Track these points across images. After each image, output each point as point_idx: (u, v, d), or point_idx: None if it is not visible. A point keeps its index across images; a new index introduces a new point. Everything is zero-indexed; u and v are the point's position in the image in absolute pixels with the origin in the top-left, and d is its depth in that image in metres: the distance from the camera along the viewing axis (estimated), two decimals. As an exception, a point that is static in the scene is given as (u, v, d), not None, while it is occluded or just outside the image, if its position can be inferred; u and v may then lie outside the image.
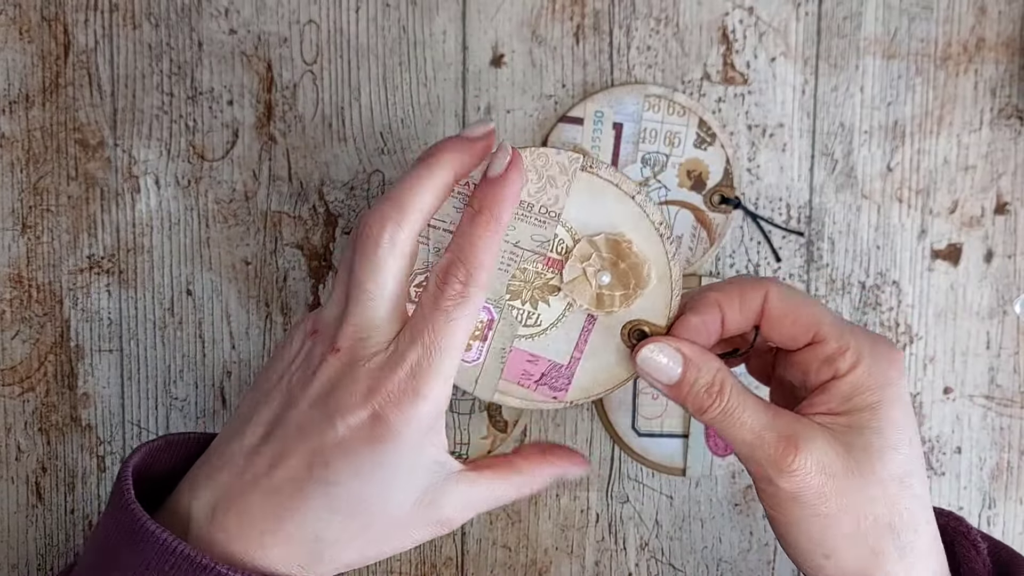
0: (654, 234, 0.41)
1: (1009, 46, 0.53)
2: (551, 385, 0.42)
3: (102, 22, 0.52)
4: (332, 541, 0.38)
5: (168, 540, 0.36)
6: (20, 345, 0.52)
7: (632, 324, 0.42)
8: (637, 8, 0.52)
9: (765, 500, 0.41)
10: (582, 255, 0.41)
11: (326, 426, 0.37)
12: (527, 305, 0.42)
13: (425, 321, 0.38)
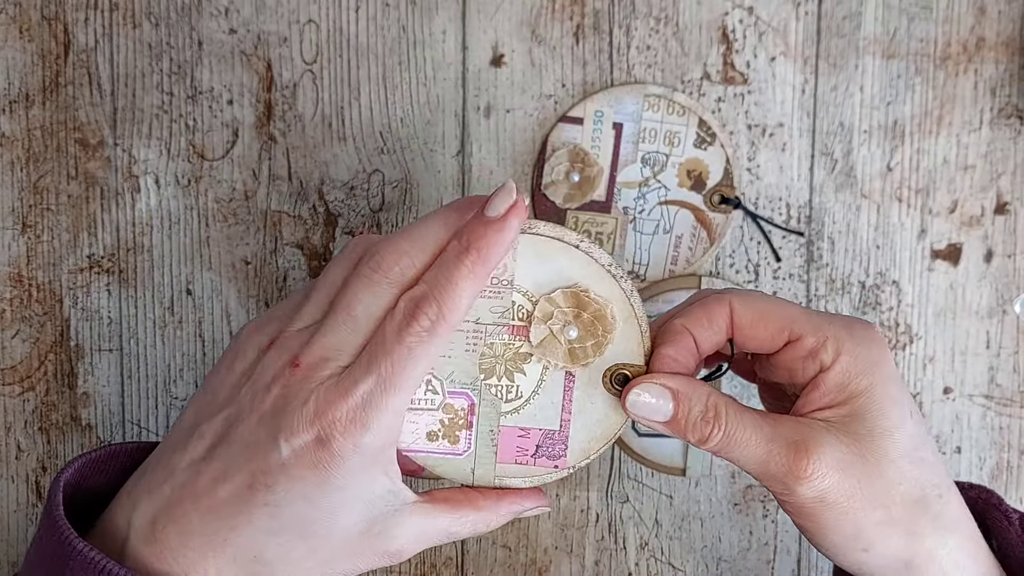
0: (607, 276, 0.40)
1: (1009, 46, 0.53)
2: (548, 455, 0.41)
3: (102, 21, 0.52)
4: (273, 562, 0.37)
5: (97, 559, 0.35)
6: (20, 344, 0.52)
7: (612, 370, 0.41)
8: (637, 8, 0.52)
9: (791, 511, 0.40)
10: (544, 315, 0.40)
11: (271, 446, 0.36)
12: (503, 380, 0.40)
13: (385, 352, 0.36)
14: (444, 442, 0.40)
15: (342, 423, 0.35)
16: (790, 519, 0.42)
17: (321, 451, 0.36)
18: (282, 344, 0.38)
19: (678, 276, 0.54)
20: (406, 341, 0.36)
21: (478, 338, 0.40)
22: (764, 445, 0.39)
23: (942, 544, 0.40)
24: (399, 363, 0.36)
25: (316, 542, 0.37)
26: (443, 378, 0.40)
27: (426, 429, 0.40)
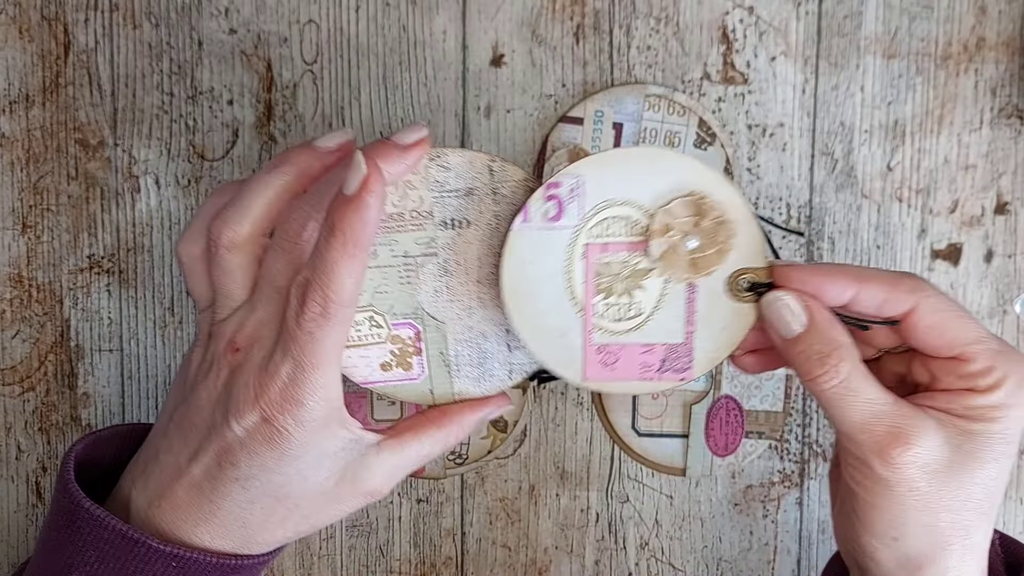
0: (725, 181, 0.40)
1: (1009, 46, 0.53)
2: (674, 368, 0.42)
3: (102, 21, 0.52)
4: (259, 526, 0.40)
5: (102, 516, 0.38)
6: (20, 345, 0.53)
7: (735, 275, 0.41)
8: (637, 8, 0.52)
9: (852, 477, 0.40)
10: (662, 227, 0.40)
11: (226, 427, 0.38)
12: (623, 298, 0.41)
13: (292, 338, 0.38)
14: (399, 370, 0.42)
15: (278, 403, 0.37)
16: (830, 484, 0.42)
17: (268, 428, 0.38)
18: (219, 331, 0.40)
19: (678, 276, 0.53)
20: (305, 327, 0.37)
21: (411, 270, 0.41)
22: (868, 414, 0.39)
23: (957, 567, 0.40)
24: (306, 346, 0.37)
25: (294, 501, 0.40)
26: (385, 312, 0.41)
27: (379, 361, 0.42)
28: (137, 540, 0.38)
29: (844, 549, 0.44)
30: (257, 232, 0.40)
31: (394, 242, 0.41)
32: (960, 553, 0.40)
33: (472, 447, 0.54)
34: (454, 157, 0.41)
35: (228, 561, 0.40)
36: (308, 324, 0.37)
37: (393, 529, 0.54)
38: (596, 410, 0.54)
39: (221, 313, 0.40)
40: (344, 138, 0.41)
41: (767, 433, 0.54)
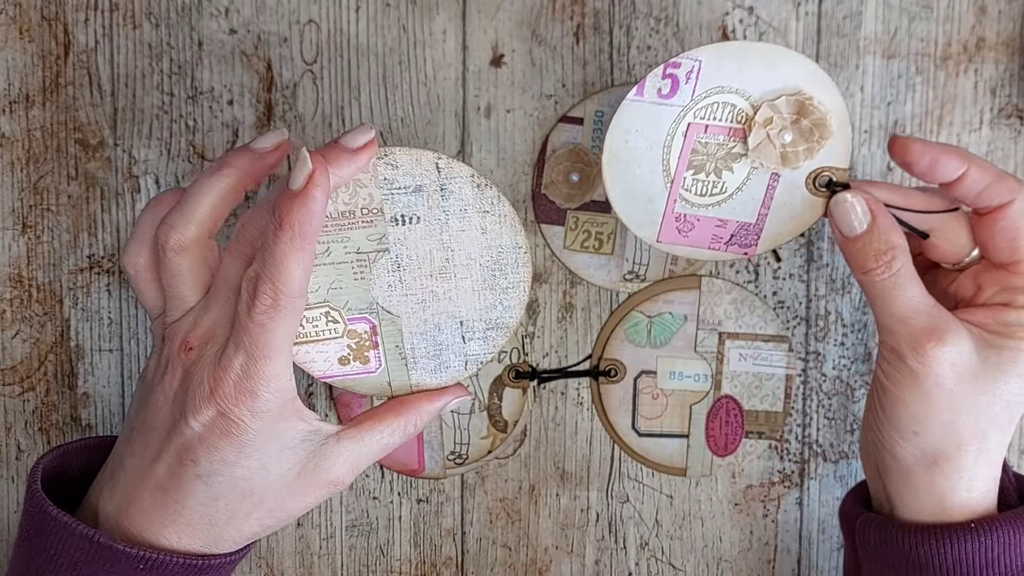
0: (832, 88, 0.44)
1: (1009, 46, 0.53)
2: (740, 243, 0.46)
3: (102, 22, 0.52)
4: (225, 522, 0.41)
5: (69, 523, 0.39)
6: (20, 345, 0.53)
7: (816, 172, 0.44)
8: (637, 8, 0.52)
9: (885, 371, 0.44)
10: (765, 120, 0.44)
11: (183, 425, 0.39)
12: (711, 176, 0.44)
13: (244, 330, 0.39)
14: (356, 364, 0.44)
15: (232, 396, 0.39)
16: (867, 395, 0.45)
17: (224, 422, 0.39)
18: (172, 332, 0.41)
19: (678, 276, 0.54)
20: (257, 319, 0.39)
21: (364, 266, 0.43)
22: (909, 308, 0.42)
23: (971, 469, 0.43)
24: (258, 337, 0.39)
25: (258, 496, 0.41)
26: (340, 308, 0.43)
27: (336, 356, 0.44)
28: (104, 544, 0.39)
29: (866, 455, 0.46)
30: (203, 235, 0.41)
31: (346, 239, 0.42)
32: (975, 455, 0.43)
33: (472, 447, 0.54)
34: (401, 155, 0.42)
35: (195, 561, 0.40)
36: (259, 316, 0.38)
37: (393, 529, 0.54)
38: (596, 410, 0.54)
39: (173, 315, 0.41)
40: (280, 138, 0.42)
41: (767, 433, 0.54)
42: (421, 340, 0.44)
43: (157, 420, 0.41)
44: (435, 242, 0.43)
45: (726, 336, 0.54)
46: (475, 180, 0.43)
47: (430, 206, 0.43)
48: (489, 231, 0.44)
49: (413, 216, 0.43)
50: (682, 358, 0.54)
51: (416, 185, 0.43)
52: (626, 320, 0.53)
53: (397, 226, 0.43)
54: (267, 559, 0.54)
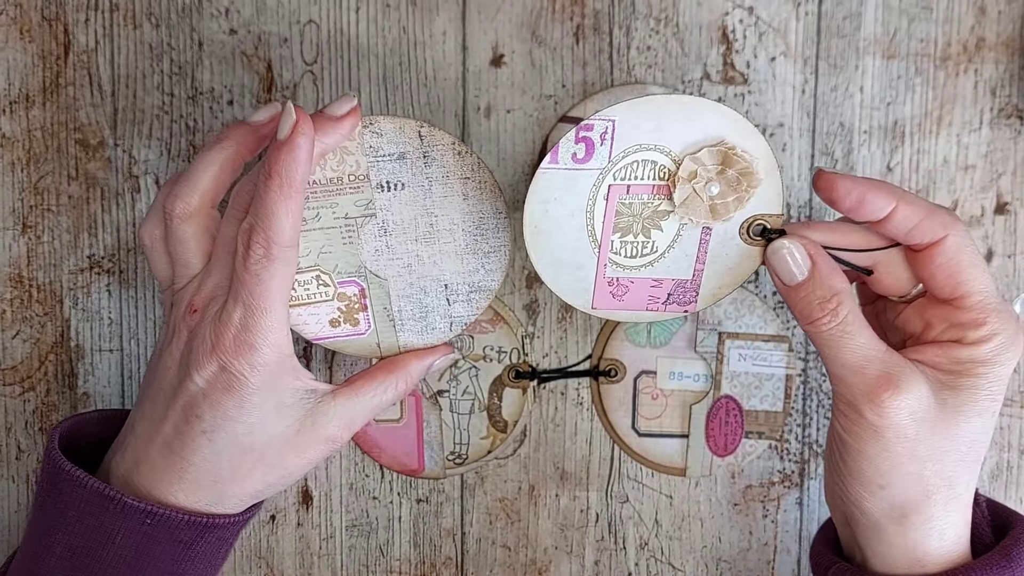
0: (755, 131, 0.42)
1: (1009, 46, 0.53)
2: (679, 301, 0.45)
3: (102, 22, 0.52)
4: (229, 479, 0.42)
5: (80, 476, 0.41)
6: (20, 345, 0.53)
7: (749, 220, 0.43)
8: (637, 8, 0.52)
9: (842, 424, 0.42)
10: (689, 174, 0.42)
11: (188, 382, 0.41)
12: (639, 236, 0.43)
13: (240, 283, 0.41)
14: (347, 326, 0.45)
15: (232, 349, 0.40)
16: (826, 442, 0.44)
17: (225, 376, 0.40)
18: (179, 298, 0.43)
19: (678, 276, 0.54)
20: (252, 270, 0.40)
21: (352, 231, 0.44)
22: (861, 357, 0.41)
23: (941, 518, 0.42)
24: (254, 288, 0.40)
25: (259, 452, 0.42)
26: (330, 271, 0.44)
27: (327, 318, 0.45)
28: (113, 497, 0.41)
29: (832, 503, 0.45)
30: (207, 203, 0.43)
31: (335, 204, 0.44)
32: (944, 503, 0.42)
33: (472, 447, 0.54)
34: (386, 123, 0.43)
35: (200, 519, 0.42)
36: (253, 266, 0.40)
37: (393, 529, 0.54)
38: (596, 410, 0.54)
39: (180, 282, 0.43)
40: (273, 111, 0.44)
41: (767, 433, 0.54)
42: (408, 303, 0.46)
43: (164, 381, 0.43)
44: (419, 208, 0.45)
45: (726, 336, 0.54)
46: (456, 147, 0.44)
47: (414, 172, 0.44)
48: (470, 197, 0.45)
49: (398, 182, 0.44)
50: (682, 358, 0.54)
51: (400, 152, 0.44)
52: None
53: (383, 192, 0.44)
54: (267, 559, 0.54)
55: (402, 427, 0.53)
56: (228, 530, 0.43)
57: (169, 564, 0.42)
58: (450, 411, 0.53)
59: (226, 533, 0.43)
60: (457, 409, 0.53)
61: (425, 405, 0.53)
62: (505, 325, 0.53)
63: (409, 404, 0.53)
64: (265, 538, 0.54)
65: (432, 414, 0.53)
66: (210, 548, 0.43)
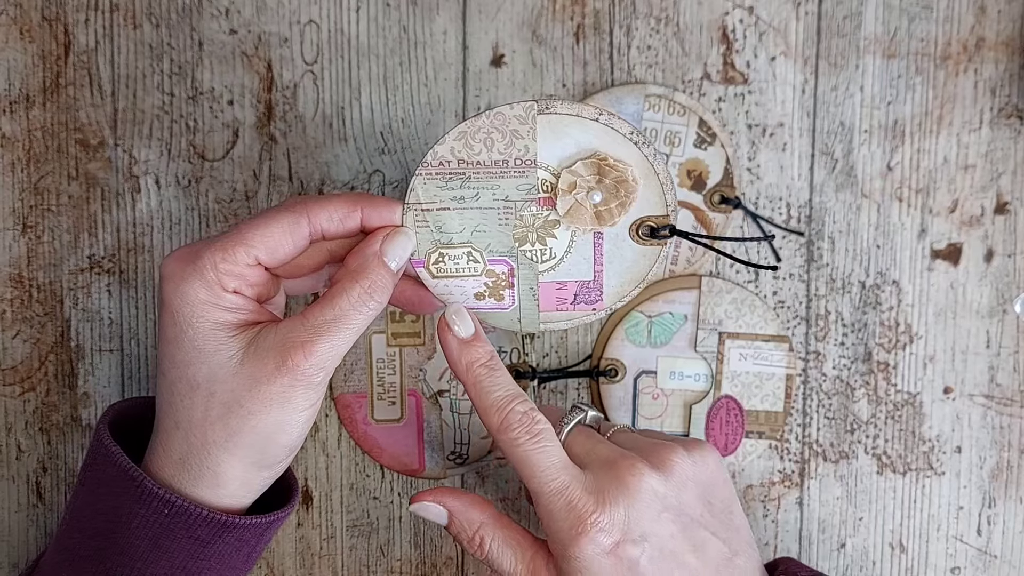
0: (626, 142, 0.44)
1: (1009, 45, 0.53)
2: (586, 300, 0.47)
3: (103, 22, 0.52)
4: (190, 426, 0.41)
5: (114, 452, 0.41)
6: (20, 345, 0.52)
7: (637, 222, 0.45)
8: (637, 8, 0.52)
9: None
10: (568, 185, 0.44)
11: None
12: (537, 245, 0.45)
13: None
14: (491, 300, 0.46)
15: (166, 276, 0.41)
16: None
17: (161, 310, 0.42)
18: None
19: (678, 276, 0.54)
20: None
21: (509, 213, 0.45)
22: (517, 572, 0.44)
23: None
24: (231, 231, 0.42)
25: (206, 389, 0.41)
26: (482, 249, 0.45)
27: (473, 291, 0.46)
28: (135, 478, 0.41)
29: None
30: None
31: (496, 187, 0.44)
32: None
33: (472, 447, 0.54)
34: (561, 108, 0.43)
35: (218, 516, 0.41)
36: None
37: (394, 529, 0.54)
38: (596, 410, 0.54)
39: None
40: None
41: (767, 433, 0.54)
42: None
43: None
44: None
45: (726, 336, 0.54)
46: (631, 138, 0.44)
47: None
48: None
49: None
50: (682, 358, 0.54)
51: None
52: (626, 320, 0.53)
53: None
54: (267, 559, 0.54)
55: (403, 427, 0.53)
56: (247, 532, 0.42)
57: (184, 560, 0.42)
58: (450, 411, 0.53)
59: (245, 535, 0.42)
60: (457, 409, 0.53)
61: (425, 405, 0.53)
62: (505, 325, 0.53)
63: (409, 404, 0.53)
64: (265, 538, 0.54)
65: (432, 414, 0.53)
66: (228, 550, 0.42)
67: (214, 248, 0.41)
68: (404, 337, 0.53)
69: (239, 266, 0.41)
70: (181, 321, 0.41)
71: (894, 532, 0.55)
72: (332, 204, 0.43)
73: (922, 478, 0.55)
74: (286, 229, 0.42)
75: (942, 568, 0.55)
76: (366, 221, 0.43)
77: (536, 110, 0.43)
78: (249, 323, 0.42)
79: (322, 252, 0.44)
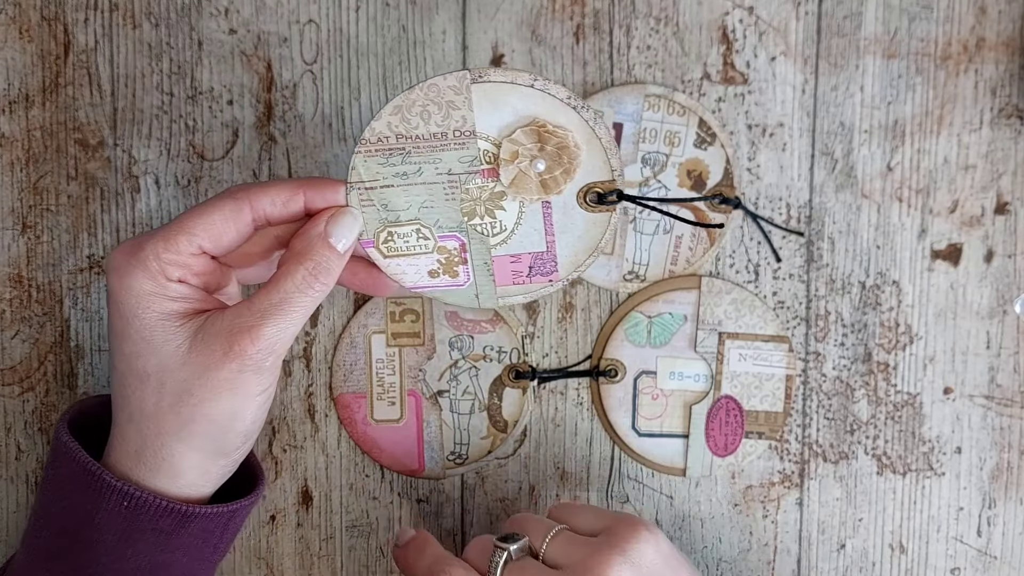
0: (564, 108, 0.43)
1: (1009, 46, 0.53)
2: (541, 272, 0.46)
3: (102, 22, 0.52)
4: (142, 417, 0.41)
5: (73, 449, 0.41)
6: (20, 345, 0.52)
7: (584, 189, 0.45)
8: (637, 8, 0.52)
9: None
10: (511, 155, 0.43)
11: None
12: (486, 218, 0.45)
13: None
14: (445, 277, 0.46)
15: (111, 269, 0.42)
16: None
17: (110, 303, 0.42)
18: None
19: (678, 276, 0.54)
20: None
21: (454, 187, 0.44)
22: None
23: None
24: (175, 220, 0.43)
25: (155, 380, 0.41)
26: (431, 225, 0.45)
27: (426, 269, 0.46)
28: (94, 473, 0.41)
29: None
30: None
31: (438, 160, 0.44)
32: None
33: (472, 447, 0.54)
34: (495, 76, 0.43)
35: (179, 506, 0.41)
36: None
37: (393, 530, 0.54)
38: (596, 410, 0.54)
39: None
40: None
41: (767, 433, 0.54)
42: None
43: None
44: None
45: (726, 336, 0.53)
46: (569, 102, 0.43)
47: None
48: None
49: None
50: (682, 358, 0.54)
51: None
52: (626, 320, 0.53)
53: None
54: (267, 559, 0.54)
55: (402, 427, 0.53)
56: (210, 521, 0.43)
57: (151, 552, 0.42)
58: (450, 411, 0.53)
59: (209, 524, 0.43)
60: (457, 409, 0.53)
61: (425, 405, 0.53)
62: (505, 325, 0.53)
63: (409, 404, 0.53)
64: (265, 538, 0.54)
65: (432, 414, 0.53)
66: (194, 541, 0.43)
67: (156, 238, 0.41)
68: (404, 337, 0.53)
69: (182, 255, 0.41)
70: (127, 313, 0.41)
71: (894, 533, 0.55)
72: (274, 188, 0.43)
73: (922, 479, 0.55)
74: (228, 216, 0.42)
75: (942, 569, 0.55)
76: (309, 203, 0.43)
77: (470, 79, 0.42)
78: (196, 312, 0.42)
79: (269, 238, 0.44)
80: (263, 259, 0.45)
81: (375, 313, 0.52)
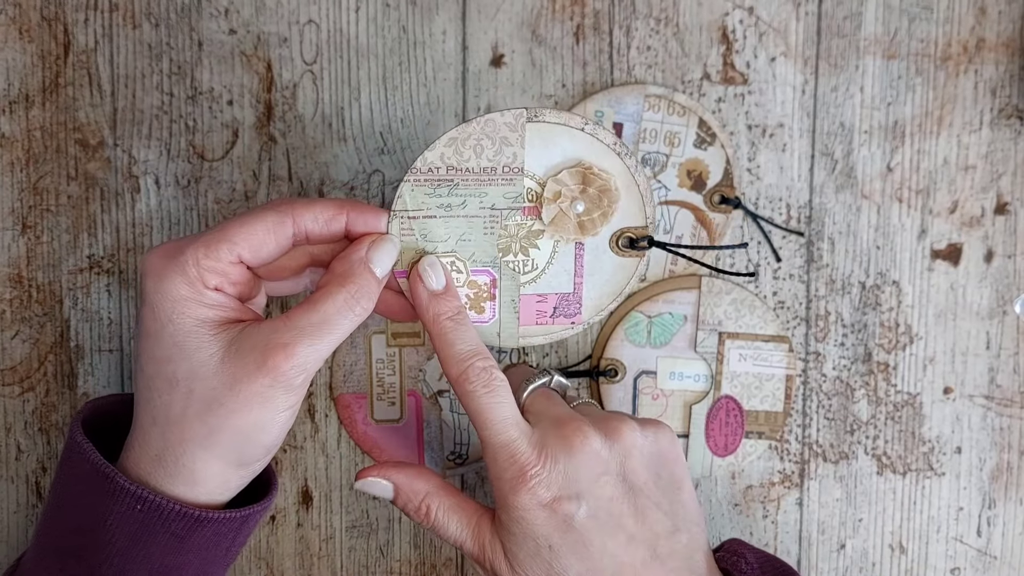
0: (609, 153, 0.44)
1: (1009, 46, 0.53)
2: (564, 314, 0.47)
3: (102, 22, 0.52)
4: (168, 423, 0.41)
5: (86, 449, 0.41)
6: (20, 345, 0.52)
7: (617, 234, 0.46)
8: (637, 8, 0.52)
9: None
10: (554, 194, 0.44)
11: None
12: (519, 255, 0.45)
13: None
14: (471, 312, 0.46)
15: (147, 272, 0.41)
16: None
17: (143, 306, 0.41)
18: None
19: (678, 276, 0.54)
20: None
21: (495, 222, 0.45)
22: (460, 539, 0.45)
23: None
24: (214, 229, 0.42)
25: (185, 386, 0.40)
26: (466, 259, 0.45)
27: None
28: (108, 475, 0.40)
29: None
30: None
31: (483, 194, 0.44)
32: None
33: (472, 447, 0.54)
34: (550, 117, 0.44)
35: (192, 511, 0.41)
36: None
37: (393, 530, 0.54)
38: (596, 410, 0.54)
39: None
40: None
41: (767, 433, 0.54)
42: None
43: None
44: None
45: (726, 336, 0.54)
46: (615, 148, 0.44)
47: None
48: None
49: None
50: (682, 358, 0.54)
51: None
52: (626, 320, 0.53)
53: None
54: (267, 560, 0.54)
55: (402, 427, 0.53)
56: (224, 526, 0.43)
57: (163, 556, 0.42)
58: (450, 411, 0.53)
59: (222, 529, 0.43)
60: (457, 409, 0.53)
61: (425, 405, 0.53)
62: (505, 325, 0.53)
63: (409, 404, 0.53)
64: (265, 539, 0.54)
65: (432, 414, 0.53)
66: (206, 544, 0.42)
67: (197, 244, 0.41)
68: (404, 337, 0.53)
69: (221, 263, 0.41)
70: (162, 317, 0.41)
71: (894, 533, 0.55)
72: (318, 206, 0.43)
73: (922, 479, 0.55)
74: (270, 228, 0.42)
75: (942, 569, 0.55)
76: (351, 226, 0.43)
77: (526, 117, 0.43)
78: (230, 321, 0.41)
79: (304, 255, 0.45)
80: (295, 274, 0.45)
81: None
